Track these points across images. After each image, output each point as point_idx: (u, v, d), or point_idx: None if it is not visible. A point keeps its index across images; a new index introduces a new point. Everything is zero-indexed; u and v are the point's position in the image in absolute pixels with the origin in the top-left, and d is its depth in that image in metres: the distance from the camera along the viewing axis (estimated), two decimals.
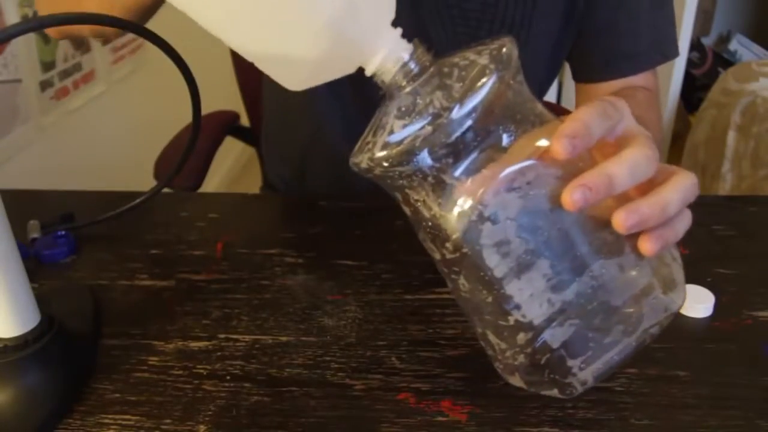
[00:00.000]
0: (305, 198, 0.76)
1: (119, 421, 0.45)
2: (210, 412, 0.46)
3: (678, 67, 1.85)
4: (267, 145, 0.96)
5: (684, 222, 0.39)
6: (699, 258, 0.60)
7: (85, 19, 0.42)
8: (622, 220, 0.36)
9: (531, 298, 0.39)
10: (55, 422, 0.45)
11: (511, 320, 0.40)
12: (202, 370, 0.49)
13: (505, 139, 0.38)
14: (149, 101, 1.70)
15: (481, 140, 0.38)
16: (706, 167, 1.77)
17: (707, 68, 2.39)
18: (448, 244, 0.40)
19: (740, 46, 2.50)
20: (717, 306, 0.54)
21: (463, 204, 0.38)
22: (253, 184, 1.05)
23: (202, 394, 0.47)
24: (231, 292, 0.58)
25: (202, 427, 0.45)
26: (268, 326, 0.54)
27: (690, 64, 2.08)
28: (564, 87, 2.17)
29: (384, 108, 0.40)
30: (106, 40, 0.60)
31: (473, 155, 0.38)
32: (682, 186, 0.38)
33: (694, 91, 2.28)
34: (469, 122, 0.37)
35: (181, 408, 0.46)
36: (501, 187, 0.38)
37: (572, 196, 0.35)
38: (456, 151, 0.37)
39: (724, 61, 2.42)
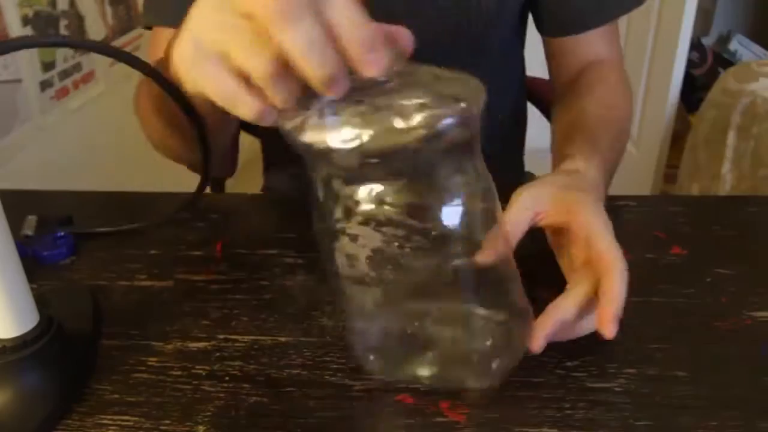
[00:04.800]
0: (305, 198, 0.76)
1: (118, 422, 0.45)
2: (209, 413, 0.46)
3: (678, 67, 1.84)
4: (269, 150, 0.96)
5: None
6: (699, 258, 0.60)
7: (73, 43, 0.43)
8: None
9: (356, 305, 0.44)
10: (55, 422, 0.45)
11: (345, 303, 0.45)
12: (201, 371, 0.49)
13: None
14: None
15: (386, 177, 0.38)
16: (706, 167, 1.77)
17: (707, 68, 2.39)
18: (315, 223, 0.42)
19: (740, 46, 2.49)
20: (717, 306, 0.54)
21: (338, 211, 0.39)
22: (253, 184, 1.04)
23: (201, 394, 0.47)
24: (230, 293, 0.58)
25: (201, 428, 0.45)
26: (267, 327, 0.54)
27: (690, 64, 2.07)
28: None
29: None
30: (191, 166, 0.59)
31: (370, 186, 0.38)
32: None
33: (694, 91, 2.28)
34: (376, 160, 0.36)
35: (180, 408, 0.46)
36: (377, 226, 0.39)
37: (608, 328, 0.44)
38: (358, 173, 0.37)
39: (724, 61, 2.42)
